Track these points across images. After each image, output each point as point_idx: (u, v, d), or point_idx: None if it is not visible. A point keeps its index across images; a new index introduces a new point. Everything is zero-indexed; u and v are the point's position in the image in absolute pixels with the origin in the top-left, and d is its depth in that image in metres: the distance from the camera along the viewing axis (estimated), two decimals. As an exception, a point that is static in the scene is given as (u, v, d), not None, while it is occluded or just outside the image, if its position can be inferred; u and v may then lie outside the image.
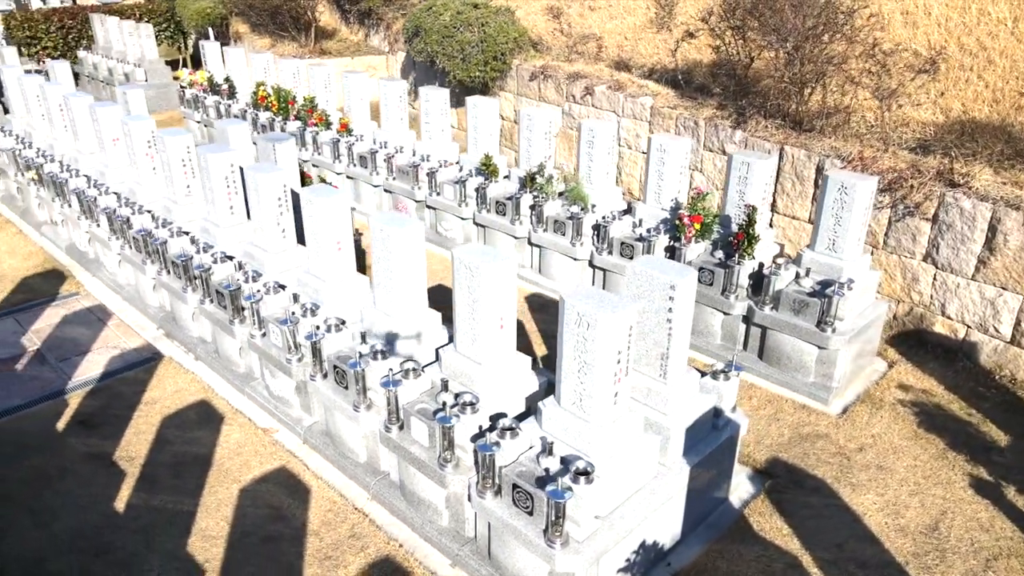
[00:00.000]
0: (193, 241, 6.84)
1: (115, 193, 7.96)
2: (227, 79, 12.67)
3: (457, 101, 12.68)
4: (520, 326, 7.18)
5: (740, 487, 5.21)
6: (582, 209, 7.76)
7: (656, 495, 4.32)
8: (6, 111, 11.87)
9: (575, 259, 7.75)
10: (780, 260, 6.48)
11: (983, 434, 5.70)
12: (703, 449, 4.66)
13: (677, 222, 6.93)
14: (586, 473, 3.92)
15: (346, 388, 5.11)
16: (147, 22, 18.68)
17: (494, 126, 9.02)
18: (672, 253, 6.92)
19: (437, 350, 5.09)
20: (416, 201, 9.43)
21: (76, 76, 17.97)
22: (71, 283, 8.22)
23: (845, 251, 6.19)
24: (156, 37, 18.83)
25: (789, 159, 7.72)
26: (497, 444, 4.17)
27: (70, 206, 8.54)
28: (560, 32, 11.16)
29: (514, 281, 4.59)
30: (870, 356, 6.62)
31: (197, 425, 5.80)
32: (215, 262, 6.42)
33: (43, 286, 8.17)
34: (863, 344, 6.38)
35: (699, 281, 6.76)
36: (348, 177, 10.35)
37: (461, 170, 9.05)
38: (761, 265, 6.56)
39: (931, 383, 6.36)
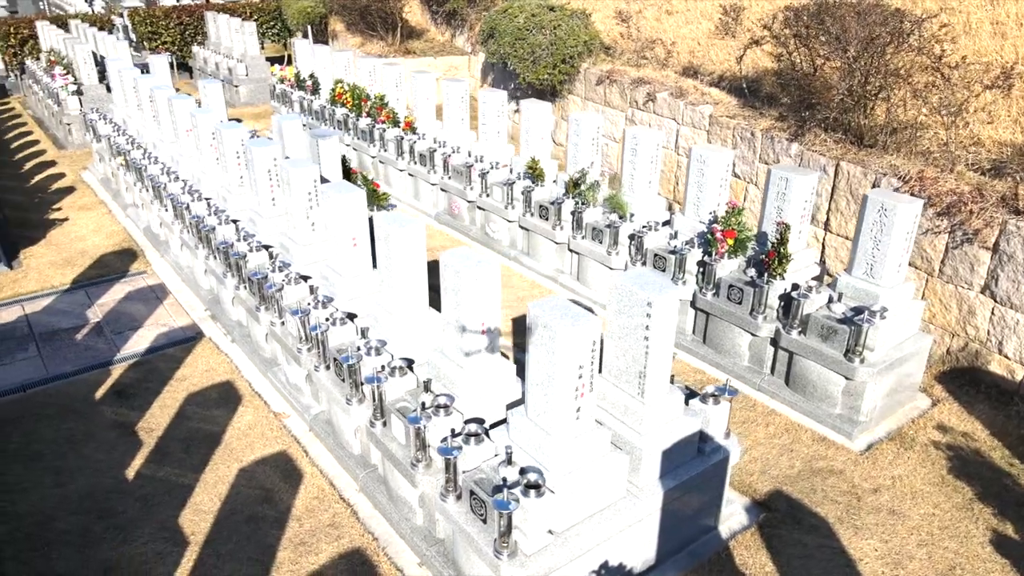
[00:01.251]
0: (238, 230, 7.20)
1: (182, 180, 8.49)
2: (311, 75, 13.22)
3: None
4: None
5: (733, 517, 4.98)
6: (620, 218, 7.62)
7: (622, 516, 4.20)
8: (109, 90, 12.90)
9: (610, 268, 7.61)
10: (812, 282, 6.13)
11: (1021, 487, 5.18)
12: (683, 474, 4.48)
13: (709, 236, 6.68)
14: (536, 486, 3.87)
15: (343, 381, 5.25)
16: (256, 20, 19.81)
17: (546, 129, 8.98)
18: (704, 268, 6.68)
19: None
20: (468, 201, 9.53)
21: (190, 70, 19.30)
22: (141, 262, 8.84)
23: (883, 277, 5.78)
24: (264, 34, 19.95)
25: (844, 176, 7.29)
26: (459, 448, 4.17)
27: (147, 191, 9.18)
28: (628, 36, 10.96)
29: (497, 286, 4.58)
30: (910, 391, 6.15)
31: (216, 404, 6.12)
32: (251, 250, 6.74)
33: (117, 263, 8.83)
34: (901, 378, 5.94)
35: (728, 299, 6.51)
36: (409, 175, 10.59)
37: (511, 172, 9.07)
38: (796, 286, 6.23)
39: (975, 426, 5.84)
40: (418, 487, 4.52)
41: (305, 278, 6.28)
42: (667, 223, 7.61)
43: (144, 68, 11.79)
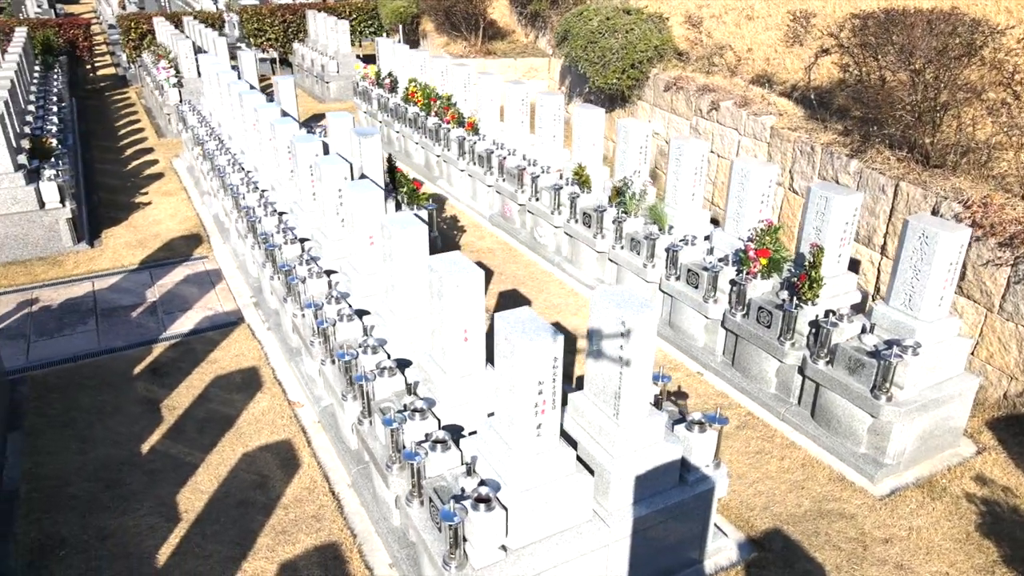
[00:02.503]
0: (280, 221, 7.47)
1: (244, 171, 8.90)
2: (390, 74, 13.55)
3: (602, 107, 12.55)
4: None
5: (721, 552, 4.72)
6: (660, 230, 7.38)
7: (584, 539, 4.06)
8: (199, 74, 13.68)
9: (646, 281, 7.39)
10: (846, 310, 5.73)
11: (1058, 554, 4.65)
12: (660, 502, 4.29)
13: (742, 255, 6.36)
14: (486, 500, 3.80)
15: (344, 376, 5.34)
16: (354, 19, 20.52)
17: (597, 135, 8.82)
18: (735, 288, 6.37)
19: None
20: (520, 205, 9.49)
21: (291, 66, 20.19)
22: (204, 248, 9.33)
23: (921, 310, 5.32)
24: (362, 32, 20.61)
25: (904, 197, 6.76)
26: (424, 454, 4.16)
27: (216, 179, 9.68)
28: (699, 43, 10.59)
29: (481, 296, 4.52)
30: (951, 436, 5.64)
31: (238, 388, 6.37)
32: (285, 242, 6.98)
33: (183, 247, 9.36)
34: (938, 421, 5.46)
35: (757, 321, 6.19)
36: (468, 175, 10.67)
37: (561, 178, 8.97)
38: (829, 313, 5.83)
39: (1021, 480, 5.29)
40: (391, 488, 4.54)
41: (330, 272, 6.44)
42: (707, 238, 7.31)
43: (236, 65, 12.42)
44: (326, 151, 7.46)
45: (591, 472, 4.17)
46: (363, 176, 7.72)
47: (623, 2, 12.52)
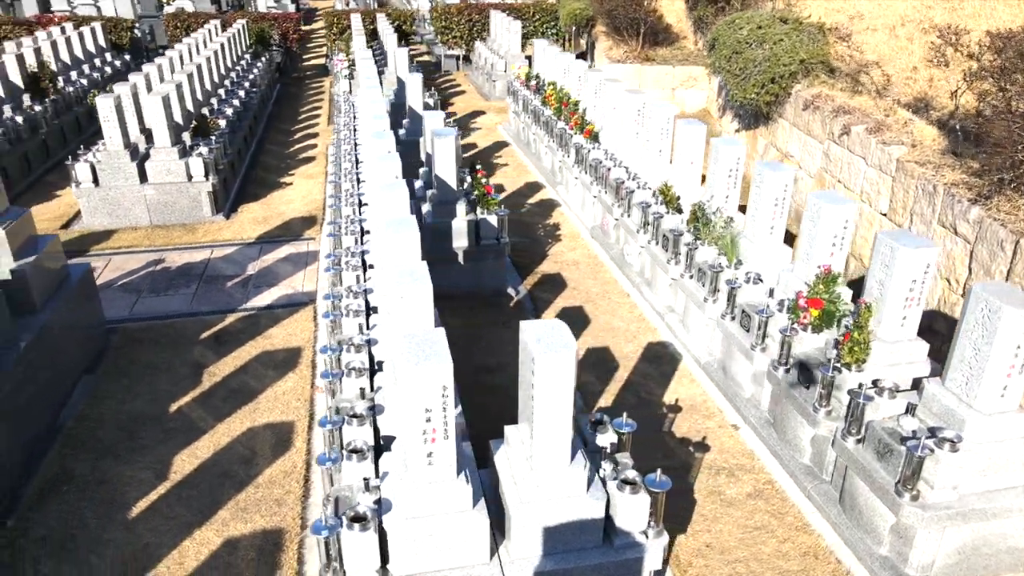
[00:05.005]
0: (356, 214, 7.79)
1: (357, 160, 9.39)
2: (537, 76, 13.58)
3: (748, 123, 11.70)
4: (602, 371, 6.65)
5: (658, 631, 4.20)
6: (728, 262, 6.70)
7: (474, 583, 3.82)
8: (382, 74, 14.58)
9: (706, 316, 6.75)
10: (891, 383, 4.82)
11: None
12: (572, 560, 3.92)
13: (792, 303, 5.59)
14: (361, 519, 3.69)
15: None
16: (536, 20, 20.81)
17: (696, 153, 8.17)
18: (782, 338, 5.62)
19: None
20: (615, 219, 9.10)
21: (471, 63, 20.93)
22: (315, 230, 9.98)
23: (978, 397, 4.34)
24: (544, 34, 20.87)
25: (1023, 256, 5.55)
26: (333, 462, 4.14)
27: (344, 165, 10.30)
28: (849, 58, 9.42)
29: (429, 305, 4.38)
30: (1010, 557, 4.55)
31: (275, 365, 6.75)
32: (347, 234, 7.26)
33: (298, 227, 10.09)
34: (988, 536, 4.44)
35: (798, 380, 5.42)
36: (582, 184, 10.40)
37: (654, 195, 8.45)
38: (875, 383, 4.96)
39: (1089, 635, 4.15)
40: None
41: (366, 266, 6.60)
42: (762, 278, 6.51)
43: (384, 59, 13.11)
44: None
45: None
46: (437, 177, 7.81)
47: (784, 10, 11.50)
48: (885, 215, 7.56)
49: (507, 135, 14.75)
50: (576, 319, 7.64)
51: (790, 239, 6.78)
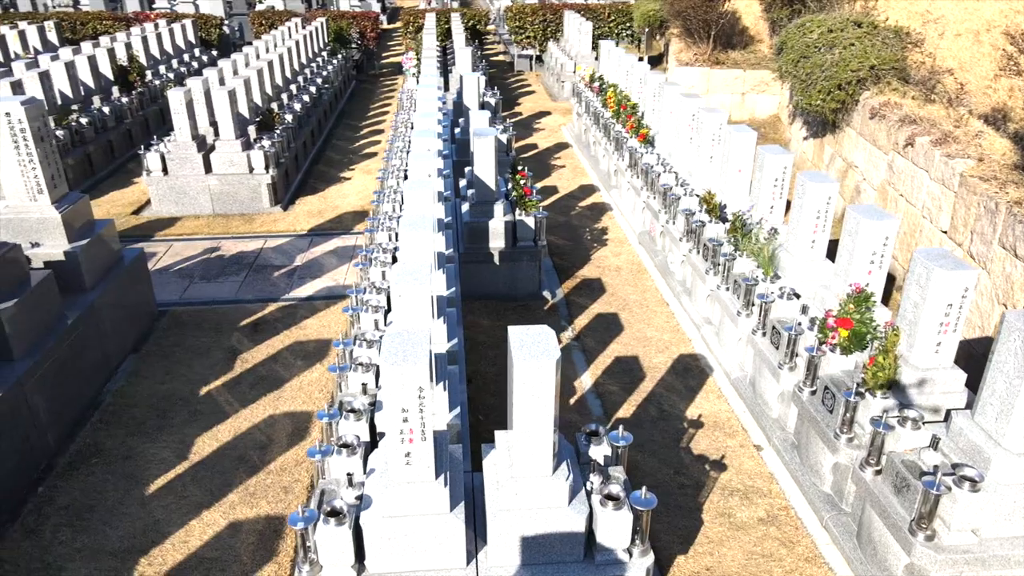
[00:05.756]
0: (393, 208, 7.89)
1: (405, 155, 9.52)
2: (601, 77, 13.42)
3: (816, 131, 11.23)
4: (627, 381, 6.53)
5: (641, 654, 4.06)
6: (767, 277, 6.43)
7: (449, 587, 3.79)
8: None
9: (740, 331, 6.51)
10: (913, 413, 4.51)
11: None
12: (550, 572, 3.83)
13: (820, 322, 5.30)
14: (337, 514, 3.72)
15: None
16: (612, 21, 20.59)
17: (744, 161, 7.87)
18: (809, 358, 5.35)
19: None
20: (662, 226, 8.89)
21: (544, 63, 20.90)
22: (365, 224, 10.16)
23: (1007, 434, 4.01)
24: (619, 35, 20.65)
25: (1084, 285, 5.09)
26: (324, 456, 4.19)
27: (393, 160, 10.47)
28: (921, 64, 8.88)
29: (427, 303, 4.37)
30: (1041, 612, 4.19)
31: (305, 355, 6.91)
32: (379, 228, 7.36)
33: (349, 221, 10.30)
34: (1015, 586, 4.10)
35: (822, 403, 5.16)
36: (633, 189, 10.22)
37: (700, 203, 8.20)
38: (904, 408, 4.65)
39: None
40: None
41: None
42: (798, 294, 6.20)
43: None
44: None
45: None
46: (477, 177, 7.82)
47: (860, 13, 10.96)
48: (945, 232, 7.10)
49: (569, 137, 14.65)
50: (609, 326, 7.50)
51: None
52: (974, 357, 6.25)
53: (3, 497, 5.00)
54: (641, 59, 17.69)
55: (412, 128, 10.74)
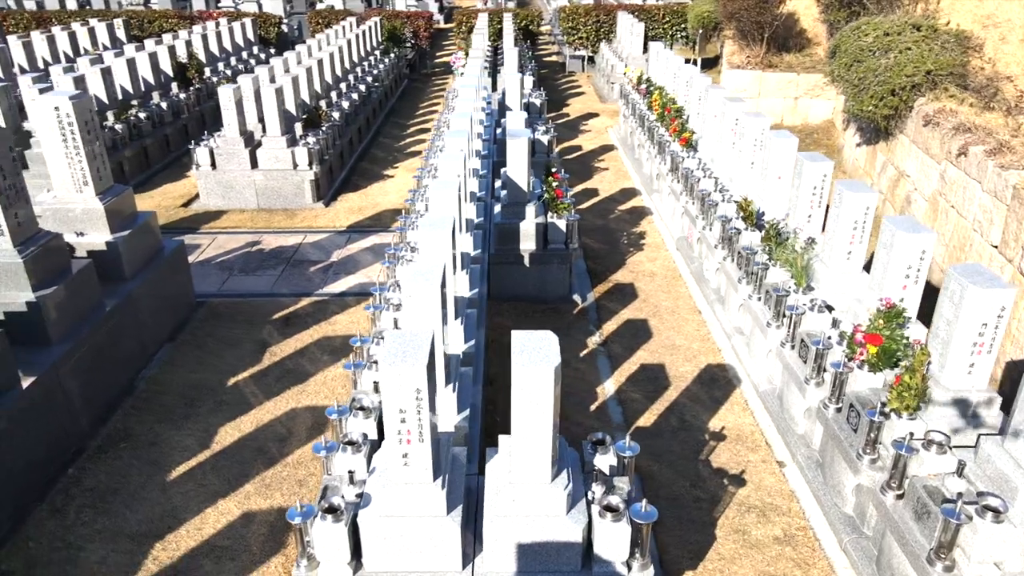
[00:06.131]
0: (426, 208, 7.92)
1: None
2: (648, 79, 13.24)
3: (869, 138, 10.87)
4: (651, 390, 6.42)
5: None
6: (799, 288, 6.23)
7: (444, 590, 3.78)
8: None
9: (769, 343, 6.33)
10: (939, 436, 4.30)
11: None
12: (546, 583, 3.78)
13: (848, 337, 5.10)
14: (334, 511, 3.75)
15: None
16: (667, 23, 20.33)
17: (784, 168, 7.63)
18: (835, 374, 5.15)
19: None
20: (699, 232, 8.72)
21: (595, 64, 20.76)
22: (401, 221, 10.23)
23: (1037, 464, 3.79)
24: (673, 36, 20.37)
25: None
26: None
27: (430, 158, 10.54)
28: (980, 70, 8.48)
29: (435, 303, 4.36)
30: (1071, 654, 3.94)
31: (331, 350, 7.00)
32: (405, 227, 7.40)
33: (388, 219, 10.40)
34: (1042, 625, 3.86)
35: (847, 421, 4.97)
36: (673, 194, 10.05)
37: (738, 211, 8.00)
38: (927, 434, 4.44)
39: None
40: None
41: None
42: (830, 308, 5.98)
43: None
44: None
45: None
46: (509, 178, 7.79)
47: (922, 15, 10.54)
48: (996, 247, 6.76)
49: (615, 139, 14.51)
50: (638, 332, 7.38)
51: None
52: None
53: (34, 478, 5.20)
54: (695, 61, 17.46)
55: (441, 132, 10.79)
